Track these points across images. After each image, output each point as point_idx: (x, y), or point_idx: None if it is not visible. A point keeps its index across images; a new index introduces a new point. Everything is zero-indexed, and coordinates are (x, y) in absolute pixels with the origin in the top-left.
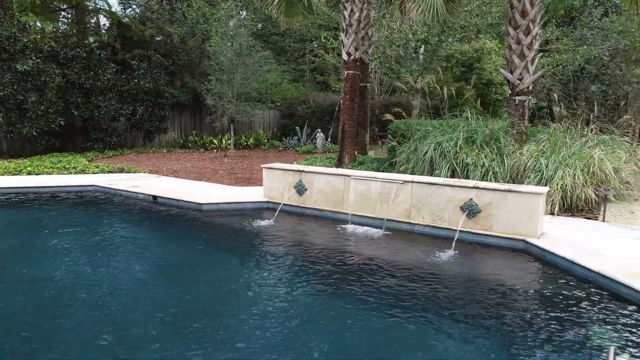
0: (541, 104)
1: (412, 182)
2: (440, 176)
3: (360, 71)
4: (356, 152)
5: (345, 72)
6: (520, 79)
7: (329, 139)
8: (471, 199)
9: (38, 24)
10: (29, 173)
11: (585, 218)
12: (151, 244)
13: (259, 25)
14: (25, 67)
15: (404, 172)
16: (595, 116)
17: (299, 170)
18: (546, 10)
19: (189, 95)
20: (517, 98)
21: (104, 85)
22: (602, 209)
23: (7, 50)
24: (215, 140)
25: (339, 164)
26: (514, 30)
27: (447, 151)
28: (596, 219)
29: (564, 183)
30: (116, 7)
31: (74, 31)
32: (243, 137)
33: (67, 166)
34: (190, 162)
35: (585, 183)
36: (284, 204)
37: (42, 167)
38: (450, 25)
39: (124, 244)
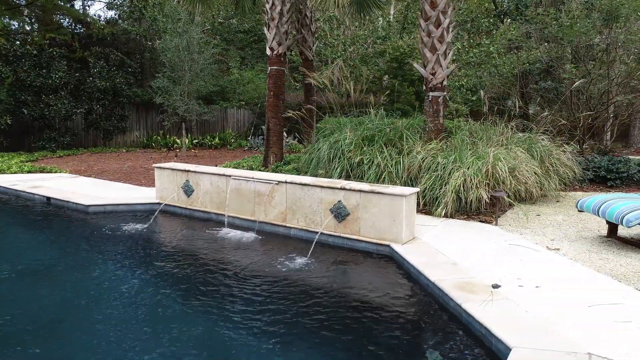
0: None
1: (286, 182)
2: (333, 177)
3: (306, 67)
4: (283, 151)
5: (269, 68)
6: (433, 74)
7: (295, 139)
8: (339, 201)
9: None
10: None
11: (480, 221)
12: (5, 247)
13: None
14: None
15: (302, 172)
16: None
17: (185, 170)
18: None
19: (155, 94)
20: (431, 94)
21: (55, 84)
22: (496, 211)
23: None
24: (178, 140)
25: (265, 163)
26: (424, 22)
27: (343, 150)
28: (491, 222)
29: (457, 184)
30: (80, 5)
31: (33, 29)
32: (209, 137)
33: None
34: (134, 161)
35: (480, 184)
36: (167, 204)
37: None
38: (412, 21)
39: None
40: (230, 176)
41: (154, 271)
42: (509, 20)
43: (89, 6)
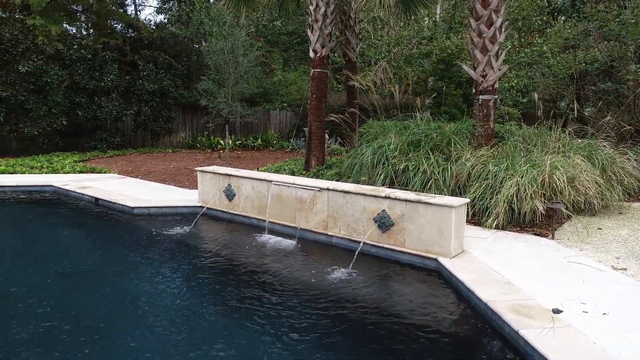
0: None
1: (328, 189)
2: (377, 184)
3: (349, 69)
4: (325, 155)
5: (312, 71)
6: (484, 76)
7: (337, 141)
8: (383, 210)
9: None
10: (2, 172)
11: (535, 234)
12: (53, 247)
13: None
14: (27, 68)
15: (345, 178)
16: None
17: (227, 174)
18: None
19: (201, 96)
20: (481, 97)
21: (107, 86)
22: (552, 224)
23: (10, 52)
24: (222, 141)
25: (306, 167)
26: (475, 22)
27: (386, 156)
28: (547, 236)
29: (509, 194)
30: (132, 10)
31: (89, 34)
32: (252, 138)
33: (45, 166)
34: (179, 162)
35: (535, 194)
36: (209, 208)
37: (19, 166)
38: (460, 21)
39: (28, 244)
40: (271, 181)
41: (195, 279)
42: (563, 17)
43: (139, 11)
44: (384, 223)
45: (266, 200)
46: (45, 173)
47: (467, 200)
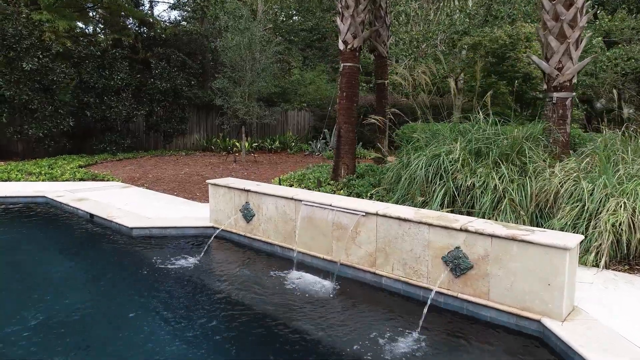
0: (609, 106)
1: (377, 215)
2: (433, 204)
3: (379, 65)
4: (356, 162)
5: (342, 65)
6: (560, 69)
7: (359, 145)
8: (458, 248)
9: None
10: None
11: None
12: (21, 282)
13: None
14: (31, 65)
15: (386, 195)
16: None
17: (244, 190)
18: None
19: (215, 95)
20: (556, 95)
21: (117, 85)
22: None
23: (14, 49)
24: (237, 144)
25: (335, 175)
26: (549, 2)
27: (445, 168)
28: None
29: (617, 221)
30: (148, 6)
31: (99, 30)
32: (269, 140)
33: (44, 172)
34: (191, 167)
35: None
36: (222, 230)
37: (16, 172)
38: (496, 14)
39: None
40: (300, 201)
41: (201, 339)
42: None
43: (153, 7)
44: (458, 265)
45: (294, 224)
46: (42, 180)
47: (581, 237)
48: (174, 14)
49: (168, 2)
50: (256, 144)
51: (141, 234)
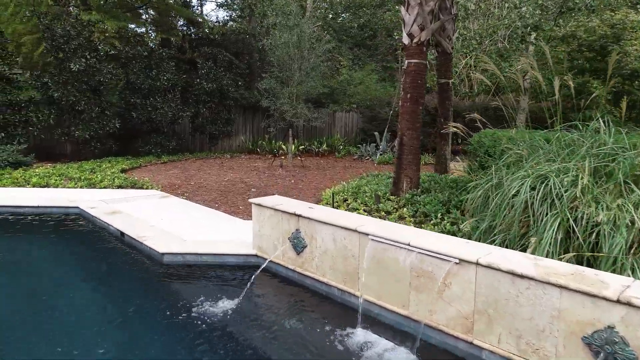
0: None
1: (478, 264)
2: (541, 244)
3: (442, 63)
4: (420, 175)
5: (406, 62)
6: None
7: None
8: (611, 328)
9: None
10: (34, 185)
11: None
12: (32, 316)
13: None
14: (78, 66)
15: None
16: None
17: (295, 214)
18: None
19: (262, 96)
20: None
21: (163, 86)
22: None
23: (62, 49)
24: (284, 146)
25: (395, 190)
26: None
27: (558, 193)
28: None
29: None
30: (197, 5)
31: (148, 30)
32: (316, 143)
33: (84, 177)
34: (235, 172)
35: None
36: (268, 261)
37: (56, 177)
38: (572, 5)
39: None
40: (367, 235)
41: None
42: None
43: (200, 6)
44: (612, 355)
45: (357, 263)
46: (80, 187)
47: None
48: (222, 14)
49: (216, 1)
50: (303, 146)
51: (173, 261)
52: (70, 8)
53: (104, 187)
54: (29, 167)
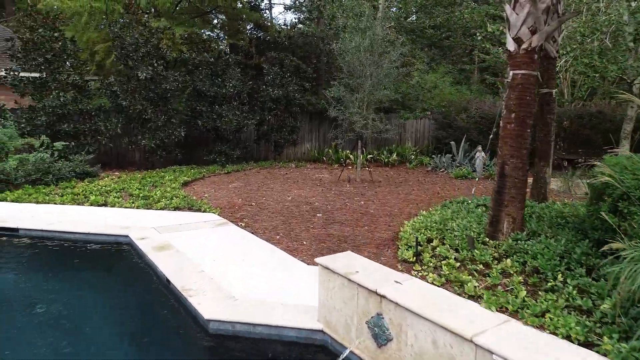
0: None
1: None
2: None
3: (545, 70)
4: (523, 213)
5: (511, 73)
6: None
7: (493, 160)
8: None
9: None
10: (92, 203)
11: None
12: None
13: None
14: (145, 74)
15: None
16: None
17: (375, 293)
18: None
19: (329, 105)
20: None
21: (229, 93)
22: None
23: (130, 57)
24: (351, 155)
25: (493, 230)
26: None
27: None
28: None
29: None
30: (267, 7)
31: (216, 35)
32: (385, 152)
33: (142, 195)
34: (300, 187)
35: None
36: (338, 343)
37: (115, 194)
38: None
39: None
40: (490, 353)
41: None
42: None
43: (268, 9)
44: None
45: None
46: (137, 207)
47: None
48: (290, 16)
49: (283, 4)
50: (371, 155)
51: (220, 330)
52: (140, 15)
53: (161, 209)
54: (95, 177)
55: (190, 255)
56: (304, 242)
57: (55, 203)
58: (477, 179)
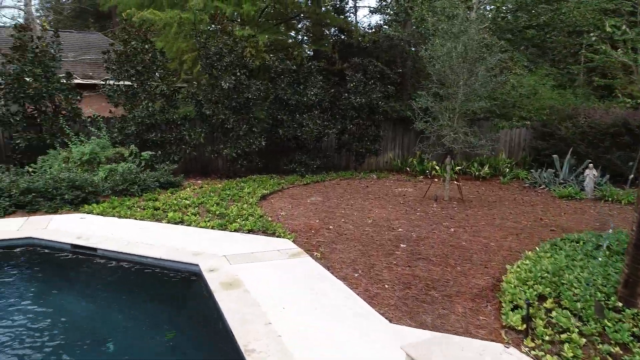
0: None
1: None
2: None
3: None
4: None
5: None
6: None
7: (604, 178)
8: None
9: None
10: (169, 221)
11: None
12: None
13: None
14: (228, 84)
15: None
16: None
17: None
18: None
19: (416, 117)
20: None
21: (310, 101)
22: None
23: (215, 67)
24: (437, 167)
25: (629, 294)
26: None
27: None
28: None
29: None
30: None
31: (299, 41)
32: (475, 165)
33: (219, 212)
34: (382, 205)
35: None
36: None
37: (192, 211)
38: None
39: None
40: None
41: None
42: None
43: (353, 13)
44: None
45: None
46: (212, 227)
47: None
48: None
49: (368, 6)
50: (459, 167)
51: None
52: (225, 24)
53: (235, 230)
54: (178, 188)
55: (259, 297)
56: (386, 286)
57: (135, 218)
58: (588, 198)
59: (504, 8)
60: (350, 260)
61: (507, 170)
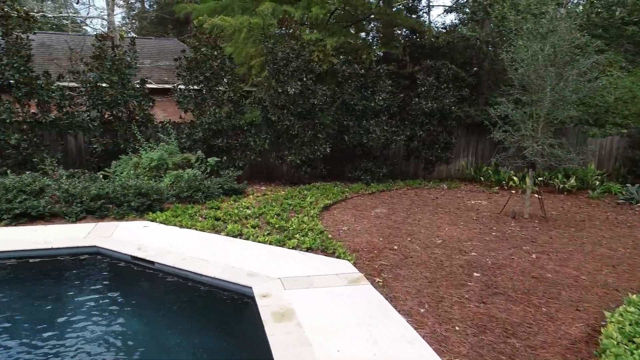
0: None
1: None
2: None
3: None
4: None
5: None
6: None
7: None
8: None
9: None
10: (227, 233)
11: None
12: None
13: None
14: (294, 90)
15: None
16: None
17: None
18: None
19: (494, 126)
20: None
21: (378, 107)
22: None
23: (282, 73)
24: (515, 177)
25: None
26: None
27: None
28: None
29: None
30: (425, 10)
31: (369, 43)
32: (559, 176)
33: (278, 225)
34: (453, 221)
35: None
36: None
37: (251, 223)
38: None
39: None
40: None
41: None
42: None
43: (426, 12)
44: None
45: None
46: (270, 243)
47: None
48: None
49: (443, 5)
50: (541, 177)
51: None
52: (294, 29)
53: (293, 247)
54: (241, 195)
55: (311, 334)
56: (456, 327)
57: (196, 228)
58: None
59: (597, 2)
60: (416, 290)
61: (597, 183)
